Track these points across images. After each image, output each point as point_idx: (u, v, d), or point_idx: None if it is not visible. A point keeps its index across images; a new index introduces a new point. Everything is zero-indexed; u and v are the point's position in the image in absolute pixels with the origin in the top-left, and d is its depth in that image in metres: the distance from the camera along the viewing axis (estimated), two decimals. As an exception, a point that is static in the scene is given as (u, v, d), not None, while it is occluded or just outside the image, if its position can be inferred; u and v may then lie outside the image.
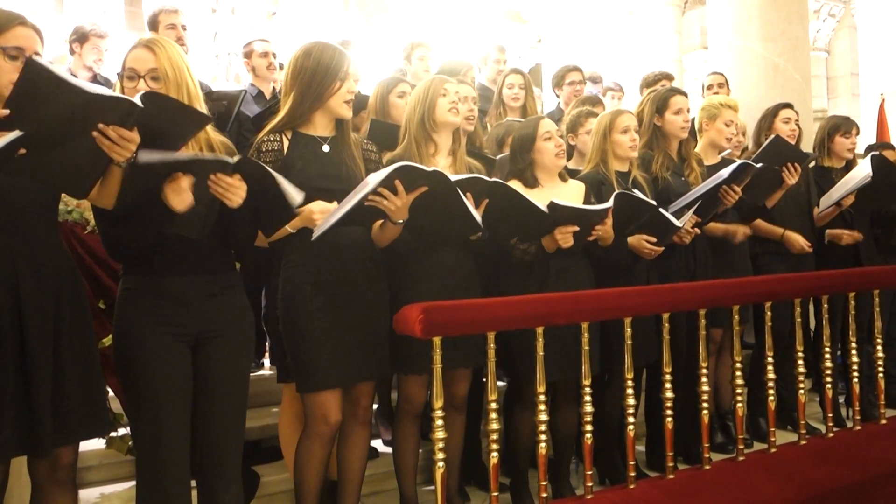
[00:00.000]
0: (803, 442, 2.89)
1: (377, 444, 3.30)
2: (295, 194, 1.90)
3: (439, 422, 2.12)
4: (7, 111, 1.54)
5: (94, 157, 1.69)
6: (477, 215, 2.28)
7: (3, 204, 1.71)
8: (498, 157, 3.20)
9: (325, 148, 2.34)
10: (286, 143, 2.30)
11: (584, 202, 2.82)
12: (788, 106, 3.80)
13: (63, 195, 1.99)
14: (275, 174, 1.88)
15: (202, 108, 1.95)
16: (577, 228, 2.57)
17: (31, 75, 1.55)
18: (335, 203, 2.18)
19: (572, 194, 2.83)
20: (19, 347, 1.72)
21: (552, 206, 2.49)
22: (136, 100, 1.65)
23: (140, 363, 1.92)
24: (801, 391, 2.94)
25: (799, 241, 3.59)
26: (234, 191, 1.83)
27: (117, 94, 1.69)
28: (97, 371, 1.91)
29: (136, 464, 2.02)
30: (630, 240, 2.86)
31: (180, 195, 1.76)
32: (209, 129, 2.03)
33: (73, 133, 1.63)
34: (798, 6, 5.13)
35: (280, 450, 2.96)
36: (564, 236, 2.56)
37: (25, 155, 1.57)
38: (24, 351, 1.72)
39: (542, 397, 2.31)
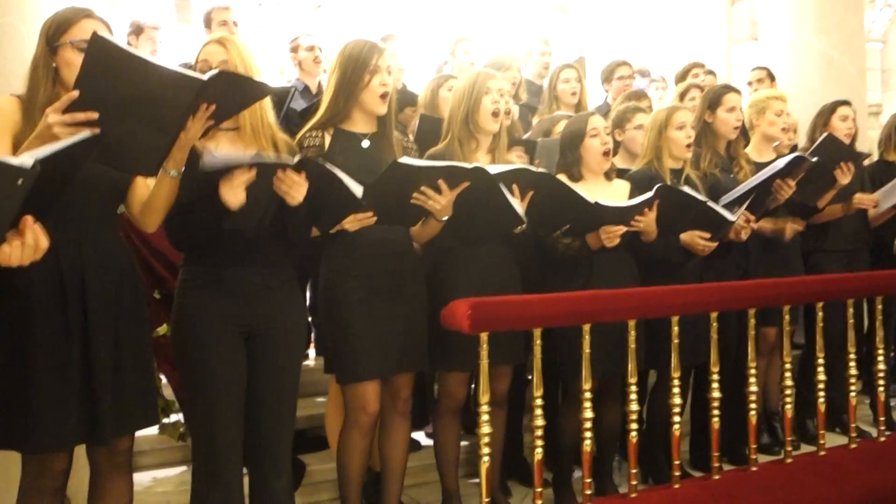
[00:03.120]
0: (854, 445, 2.83)
1: (419, 436, 3.33)
2: (355, 186, 1.94)
3: (485, 417, 2.14)
4: (77, 93, 1.55)
5: (167, 135, 1.70)
6: (519, 208, 2.28)
7: (72, 196, 1.74)
8: (539, 140, 3.19)
9: (365, 144, 2.37)
10: (328, 140, 2.34)
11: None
12: (846, 103, 3.68)
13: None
14: (335, 169, 1.92)
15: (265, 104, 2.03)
16: (623, 229, 2.56)
17: (97, 51, 1.53)
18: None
19: (616, 194, 2.80)
20: (84, 339, 1.78)
21: (597, 206, 2.48)
22: (202, 77, 1.66)
23: (197, 352, 1.98)
24: (853, 393, 2.88)
25: (870, 200, 3.46)
26: (298, 188, 1.88)
27: (185, 70, 1.71)
28: (151, 362, 1.97)
29: (191, 450, 2.08)
30: (683, 236, 2.82)
31: (234, 192, 1.81)
32: (275, 127, 2.10)
33: (142, 110, 1.62)
34: (854, -4, 4.98)
35: (325, 440, 3.02)
36: (610, 236, 2.55)
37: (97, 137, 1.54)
38: (87, 342, 1.78)
39: (588, 394, 2.31)
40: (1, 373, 1.73)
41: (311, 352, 3.82)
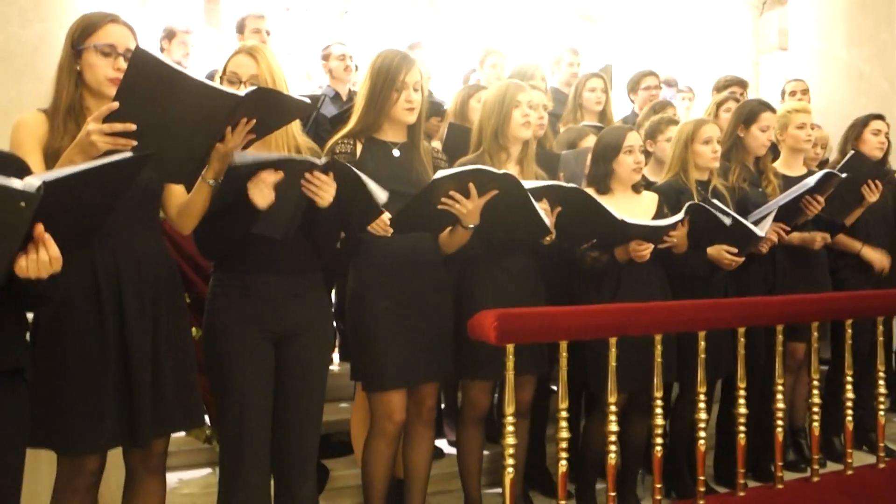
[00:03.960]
0: (882, 465, 2.80)
1: (443, 444, 3.34)
2: (380, 192, 1.95)
3: (510, 428, 2.15)
4: (117, 104, 1.57)
5: (202, 147, 1.73)
6: (547, 219, 2.29)
7: None
8: (563, 153, 3.19)
9: (396, 153, 2.39)
10: (359, 148, 2.37)
11: (657, 214, 2.79)
12: (880, 117, 3.62)
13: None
14: (360, 174, 1.93)
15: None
16: (651, 246, 2.56)
17: (139, 65, 1.55)
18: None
19: (645, 206, 2.80)
20: (121, 342, 1.80)
21: (623, 224, 2.47)
22: (240, 94, 1.69)
23: (227, 358, 2.00)
24: (881, 412, 2.85)
25: (879, 259, 3.45)
26: (327, 189, 1.89)
27: (223, 87, 1.73)
28: (192, 364, 1.97)
29: (219, 453, 2.10)
30: (710, 250, 2.80)
31: (262, 192, 1.82)
32: (296, 132, 2.11)
33: (180, 122, 1.65)
34: (887, 10, 4.90)
35: (348, 445, 3.04)
36: (640, 253, 2.55)
37: (136, 146, 1.58)
38: (125, 345, 1.80)
39: (613, 408, 2.30)
40: (38, 375, 1.75)
41: (336, 356, 3.84)
